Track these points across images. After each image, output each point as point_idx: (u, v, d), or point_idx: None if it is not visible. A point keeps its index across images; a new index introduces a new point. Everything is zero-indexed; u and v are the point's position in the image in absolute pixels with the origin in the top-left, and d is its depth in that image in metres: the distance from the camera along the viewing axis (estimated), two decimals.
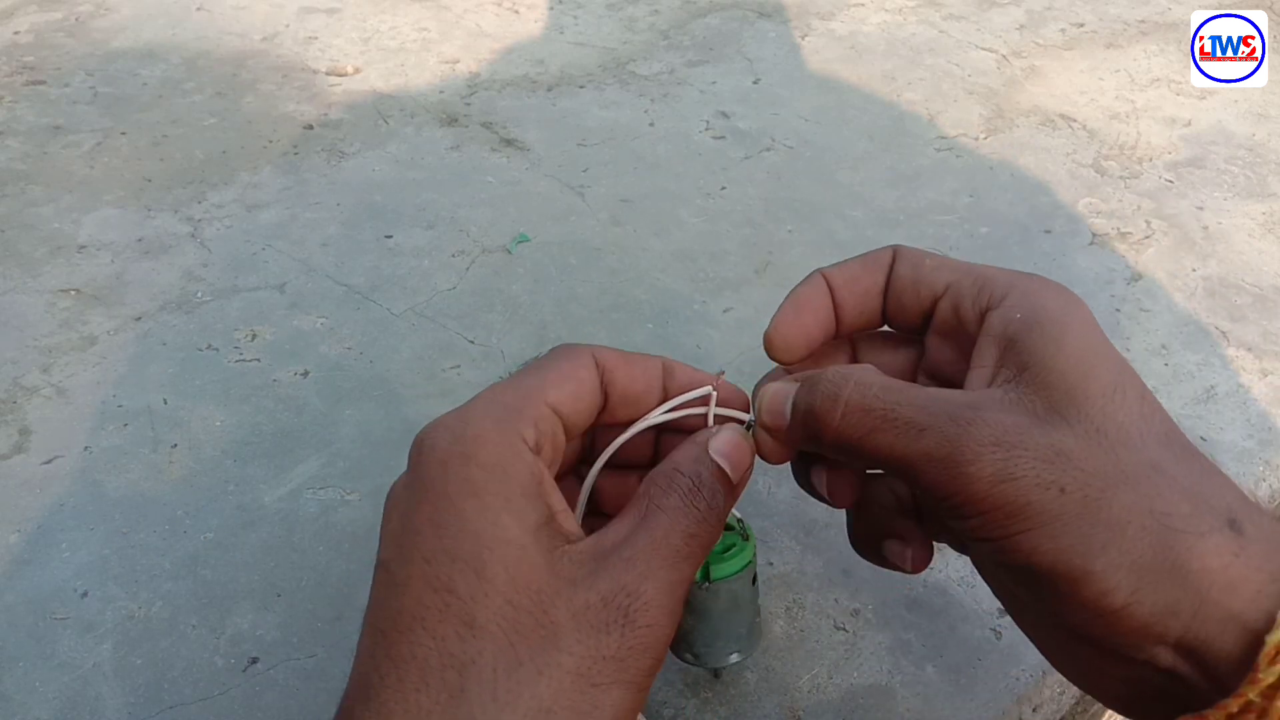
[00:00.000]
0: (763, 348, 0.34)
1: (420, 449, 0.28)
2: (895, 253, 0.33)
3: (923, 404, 0.28)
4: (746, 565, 0.34)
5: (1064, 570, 0.26)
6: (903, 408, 0.28)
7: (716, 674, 0.39)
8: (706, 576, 0.34)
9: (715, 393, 0.32)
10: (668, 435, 0.34)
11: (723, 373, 0.32)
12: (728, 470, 0.30)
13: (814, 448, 0.30)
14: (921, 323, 0.33)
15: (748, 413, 0.32)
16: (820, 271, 0.33)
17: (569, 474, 0.33)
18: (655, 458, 0.33)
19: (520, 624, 0.26)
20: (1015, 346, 0.29)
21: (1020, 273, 0.31)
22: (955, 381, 0.31)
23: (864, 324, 0.34)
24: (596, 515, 0.33)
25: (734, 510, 0.34)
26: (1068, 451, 0.26)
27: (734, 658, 0.35)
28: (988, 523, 0.26)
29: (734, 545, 0.34)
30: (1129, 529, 0.25)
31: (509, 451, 0.28)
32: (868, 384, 0.29)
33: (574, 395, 0.30)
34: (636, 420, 0.32)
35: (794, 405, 0.30)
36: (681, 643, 0.35)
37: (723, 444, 0.30)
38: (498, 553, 0.26)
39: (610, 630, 0.26)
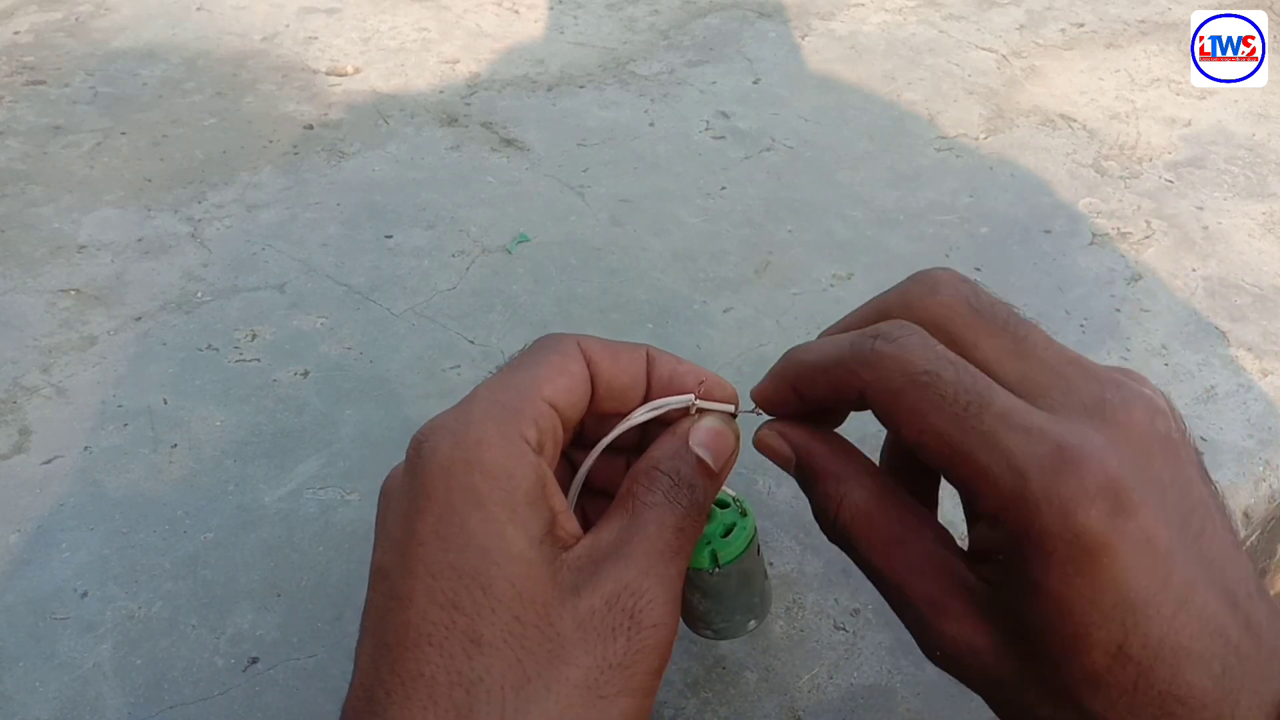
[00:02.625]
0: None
1: (420, 452, 0.27)
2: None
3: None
4: (750, 542, 0.34)
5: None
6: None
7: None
8: (715, 562, 0.34)
9: (697, 396, 0.31)
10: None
11: (703, 382, 0.32)
12: (709, 461, 0.30)
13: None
14: None
15: (734, 403, 0.32)
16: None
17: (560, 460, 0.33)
18: (643, 440, 0.33)
19: (527, 639, 0.25)
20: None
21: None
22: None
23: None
24: (587, 492, 0.32)
25: (727, 489, 0.34)
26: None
27: (752, 625, 0.36)
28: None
29: (734, 524, 0.34)
30: None
31: (513, 455, 0.27)
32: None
33: (568, 389, 0.29)
34: (620, 411, 0.32)
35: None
36: (699, 621, 0.36)
37: (704, 435, 0.30)
38: (504, 568, 0.26)
39: (616, 635, 0.26)
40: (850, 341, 0.27)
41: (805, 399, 0.30)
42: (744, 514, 0.34)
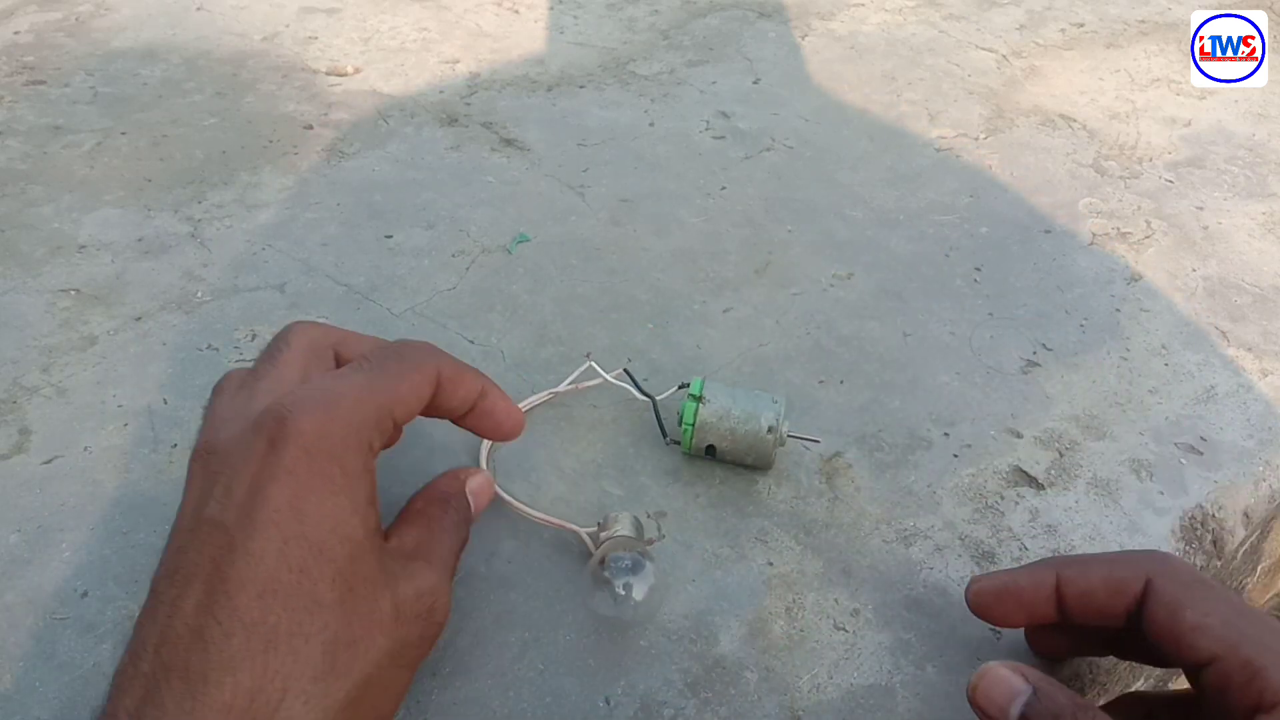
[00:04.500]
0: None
1: (284, 429, 0.32)
2: (1148, 585, 0.33)
3: None
4: (699, 398, 0.44)
5: None
6: None
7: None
8: (689, 419, 0.44)
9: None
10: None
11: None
12: (473, 505, 0.39)
13: None
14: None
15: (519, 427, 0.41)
16: (1055, 569, 0.36)
17: None
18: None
19: (358, 609, 0.31)
20: None
21: None
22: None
23: (1093, 624, 0.35)
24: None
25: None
26: None
27: (771, 428, 0.44)
28: None
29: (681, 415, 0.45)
30: None
31: (362, 460, 0.33)
32: None
33: (409, 413, 0.36)
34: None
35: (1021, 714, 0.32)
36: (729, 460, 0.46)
37: (476, 485, 0.40)
38: (346, 548, 0.31)
39: (415, 622, 0.33)
40: (1133, 551, 0.36)
41: (1068, 610, 0.35)
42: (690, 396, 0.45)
